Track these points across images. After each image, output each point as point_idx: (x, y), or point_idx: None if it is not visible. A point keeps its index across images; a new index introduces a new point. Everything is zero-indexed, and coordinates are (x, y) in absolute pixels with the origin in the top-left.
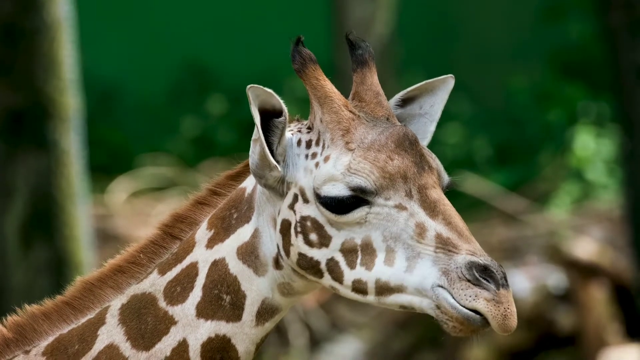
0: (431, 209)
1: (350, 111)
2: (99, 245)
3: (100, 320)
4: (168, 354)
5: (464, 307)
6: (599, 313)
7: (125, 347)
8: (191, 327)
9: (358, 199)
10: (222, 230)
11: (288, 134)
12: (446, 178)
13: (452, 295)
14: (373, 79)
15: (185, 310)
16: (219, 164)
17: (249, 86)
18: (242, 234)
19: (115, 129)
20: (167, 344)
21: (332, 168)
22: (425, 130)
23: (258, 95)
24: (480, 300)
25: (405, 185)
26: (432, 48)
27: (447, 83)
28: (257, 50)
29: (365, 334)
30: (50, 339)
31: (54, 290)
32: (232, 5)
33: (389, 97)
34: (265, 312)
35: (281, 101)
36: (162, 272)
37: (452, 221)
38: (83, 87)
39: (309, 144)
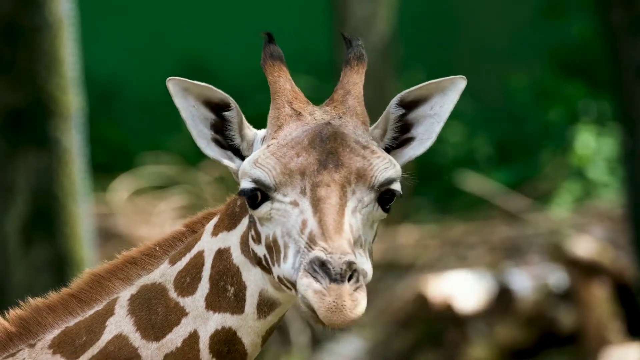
0: (315, 206)
1: (293, 108)
2: (101, 244)
3: (108, 312)
4: (179, 344)
5: (302, 296)
6: (600, 312)
7: (135, 337)
8: (202, 319)
9: (263, 194)
10: (226, 217)
11: (254, 131)
12: (380, 176)
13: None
14: (350, 77)
15: (195, 302)
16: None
17: (168, 78)
18: (243, 224)
19: (117, 127)
20: (178, 334)
21: (247, 162)
22: (431, 131)
23: (187, 89)
24: (309, 290)
25: (301, 182)
26: (433, 46)
27: (458, 84)
28: (258, 49)
29: (366, 333)
30: (56, 331)
31: (55, 289)
32: (233, 4)
33: (390, 96)
34: (264, 304)
35: (224, 93)
36: (173, 261)
37: (324, 219)
38: (84, 85)
39: (263, 140)
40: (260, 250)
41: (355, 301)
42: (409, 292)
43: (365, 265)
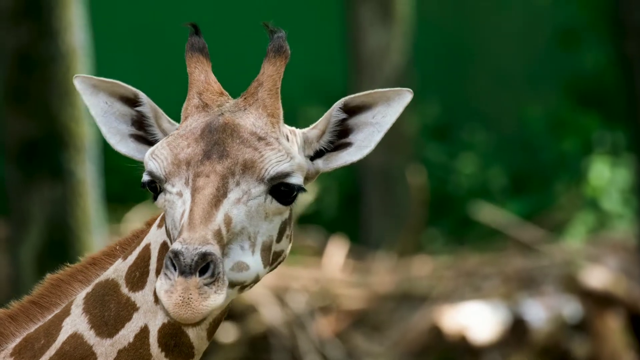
0: (192, 196)
1: (202, 99)
2: None
3: (65, 313)
4: (131, 340)
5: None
6: (614, 342)
7: (90, 335)
8: (151, 314)
9: (158, 185)
10: None
11: (176, 125)
12: (271, 169)
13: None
14: (266, 70)
15: (145, 297)
16: None
17: (75, 76)
18: None
19: (131, 158)
20: (130, 330)
21: (147, 153)
22: (370, 139)
23: (96, 86)
24: (161, 292)
25: (186, 172)
26: (448, 76)
27: (404, 96)
28: None
29: None
30: (18, 340)
31: None
32: (247, 33)
33: (405, 127)
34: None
35: (133, 89)
36: (125, 257)
37: (193, 209)
38: None
39: None
40: None
41: (205, 294)
42: (423, 322)
43: (244, 258)
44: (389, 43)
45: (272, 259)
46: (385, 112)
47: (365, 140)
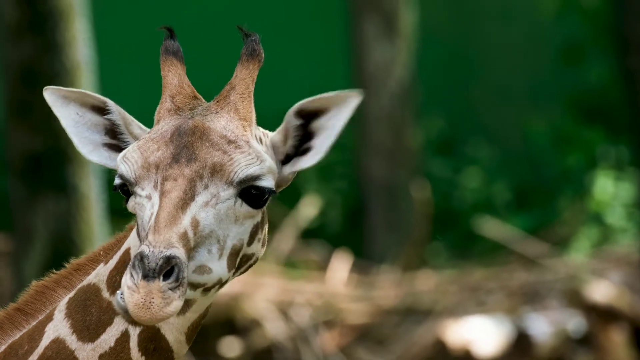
0: (160, 199)
1: (174, 103)
2: None
3: (48, 318)
4: (112, 344)
5: (120, 294)
6: (618, 357)
7: (72, 340)
8: None
9: (130, 188)
10: None
11: (147, 130)
12: (240, 172)
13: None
14: (239, 73)
15: None
16: None
17: (45, 88)
18: None
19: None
20: (111, 334)
21: (119, 157)
22: (324, 144)
23: (66, 97)
24: (124, 287)
25: (156, 175)
26: (452, 91)
27: (352, 99)
28: (277, 94)
29: None
30: (3, 347)
31: None
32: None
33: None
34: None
35: (100, 97)
36: (107, 261)
37: (159, 212)
38: None
39: None
40: None
41: (167, 299)
42: (427, 337)
43: (209, 262)
44: (393, 58)
45: (242, 262)
46: (338, 115)
47: (320, 145)
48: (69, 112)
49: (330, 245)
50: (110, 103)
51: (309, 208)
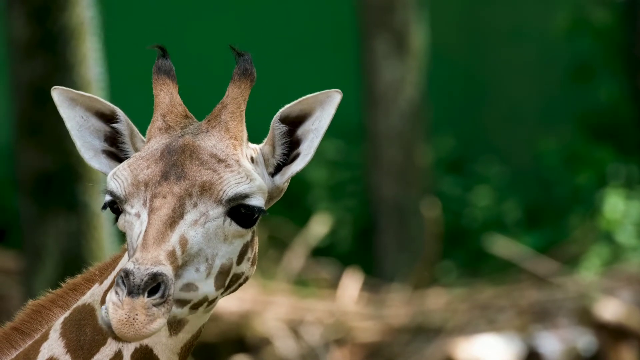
0: (149, 217)
1: (165, 121)
2: None
3: (44, 337)
4: None
5: (104, 309)
6: None
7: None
8: None
9: (120, 206)
10: None
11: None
12: (229, 191)
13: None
14: (231, 92)
15: None
16: None
17: (53, 88)
18: None
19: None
20: (104, 354)
21: (109, 174)
22: (310, 146)
23: (74, 99)
24: (109, 304)
25: (145, 193)
26: (462, 110)
27: (334, 97)
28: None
29: None
30: None
31: None
32: (263, 68)
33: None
34: (172, 321)
35: (112, 105)
36: (101, 281)
37: (148, 230)
38: None
39: None
40: None
41: (151, 316)
42: (438, 355)
43: (196, 280)
44: (404, 76)
45: (231, 282)
46: (321, 116)
47: (307, 148)
48: (74, 114)
49: (341, 263)
50: (119, 112)
51: (319, 226)
